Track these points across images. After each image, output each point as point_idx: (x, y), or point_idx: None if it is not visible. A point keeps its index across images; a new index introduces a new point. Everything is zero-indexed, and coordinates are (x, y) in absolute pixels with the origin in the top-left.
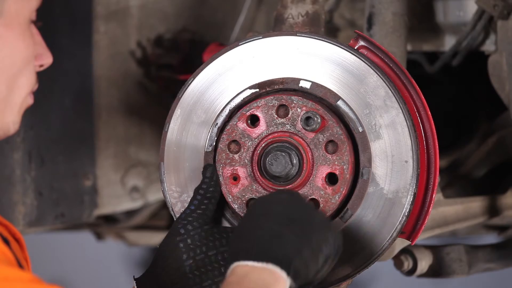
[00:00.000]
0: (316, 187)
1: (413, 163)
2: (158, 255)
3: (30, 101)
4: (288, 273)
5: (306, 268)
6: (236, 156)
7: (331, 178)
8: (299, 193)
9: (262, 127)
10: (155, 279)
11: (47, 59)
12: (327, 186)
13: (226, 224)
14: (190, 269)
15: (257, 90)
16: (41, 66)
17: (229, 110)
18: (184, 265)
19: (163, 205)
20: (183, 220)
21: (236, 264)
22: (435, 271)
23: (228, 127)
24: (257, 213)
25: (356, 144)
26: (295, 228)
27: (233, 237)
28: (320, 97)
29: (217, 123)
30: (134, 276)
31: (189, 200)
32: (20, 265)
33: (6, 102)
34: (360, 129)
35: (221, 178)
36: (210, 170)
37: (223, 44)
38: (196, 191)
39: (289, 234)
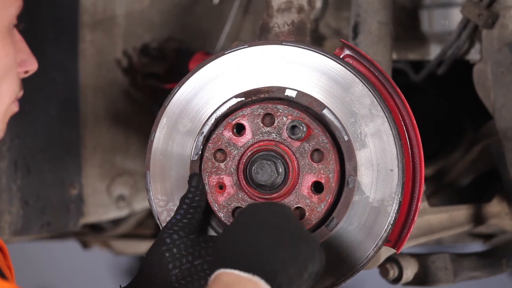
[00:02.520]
0: (301, 196)
1: (398, 171)
2: (144, 264)
3: (15, 108)
4: (273, 285)
5: (290, 284)
6: (222, 165)
7: (317, 187)
8: (290, 208)
9: (248, 136)
10: None
11: (32, 65)
12: (312, 195)
13: (212, 233)
14: (176, 279)
15: (243, 99)
16: (26, 72)
17: (215, 119)
18: (170, 275)
19: (149, 214)
20: (169, 229)
21: (222, 271)
22: (421, 279)
23: (214, 136)
24: (249, 222)
25: (342, 153)
26: (286, 243)
27: (220, 241)
28: (305, 106)
29: (203, 132)
30: (120, 286)
31: (175, 209)
32: (3, 275)
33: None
34: (346, 138)
35: (207, 187)
36: (196, 179)
37: (209, 53)
38: (182, 200)
39: (279, 249)
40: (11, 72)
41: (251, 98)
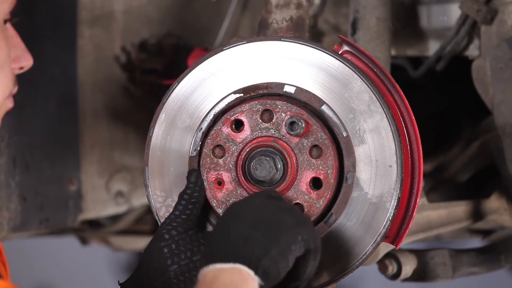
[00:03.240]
0: (300, 192)
1: (397, 167)
2: (143, 260)
3: (9, 104)
4: (256, 272)
5: (276, 267)
6: (221, 161)
7: (316, 183)
8: (277, 192)
9: (246, 132)
10: (139, 284)
11: (27, 61)
12: (311, 191)
13: (210, 229)
14: (174, 275)
15: (242, 95)
16: (21, 68)
17: (214, 115)
18: (169, 270)
19: (148, 210)
20: (168, 225)
21: (206, 269)
22: (420, 275)
23: (212, 132)
24: (228, 218)
25: (341, 149)
26: (263, 229)
27: (207, 241)
28: (304, 102)
29: (201, 128)
30: (118, 281)
31: (173, 205)
32: None
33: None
34: (345, 134)
35: (205, 183)
36: (194, 175)
37: (208, 49)
38: (181, 196)
39: (257, 235)
40: (4, 68)
41: (250, 94)
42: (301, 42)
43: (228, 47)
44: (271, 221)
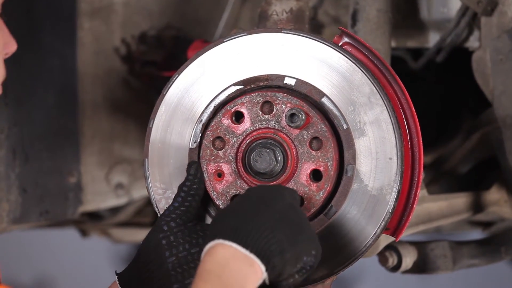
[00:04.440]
0: (300, 184)
1: (397, 160)
2: (141, 251)
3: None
4: (267, 268)
5: (284, 269)
6: (221, 153)
7: (316, 175)
8: (298, 194)
9: (246, 124)
10: (137, 275)
11: (12, 47)
12: (311, 183)
13: (209, 220)
14: (172, 266)
15: (242, 86)
16: (6, 54)
17: (214, 106)
18: (167, 262)
19: (148, 202)
20: (166, 217)
21: (220, 242)
22: (420, 267)
23: (212, 124)
24: (255, 199)
25: (341, 141)
26: (286, 228)
27: (223, 212)
28: (304, 94)
29: (201, 120)
30: (116, 271)
31: (173, 197)
32: None
33: None
34: (345, 126)
35: (205, 175)
36: (194, 167)
37: (208, 41)
38: (180, 188)
39: (281, 232)
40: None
41: (250, 86)
42: (301, 34)
43: (228, 39)
44: (295, 225)
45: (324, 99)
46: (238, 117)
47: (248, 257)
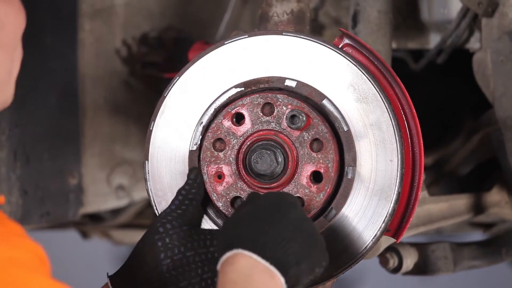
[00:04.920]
0: (300, 185)
1: (398, 162)
2: (136, 252)
3: None
4: (286, 281)
5: (298, 280)
6: (221, 154)
7: (316, 177)
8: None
9: (247, 125)
10: (131, 276)
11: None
12: (311, 185)
13: (208, 223)
14: (167, 269)
15: (243, 89)
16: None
17: (214, 108)
18: (162, 264)
19: (149, 204)
20: (163, 219)
21: (239, 251)
22: (421, 268)
23: (213, 125)
24: (271, 208)
25: (341, 143)
26: (301, 239)
27: (238, 217)
28: (305, 96)
29: (202, 122)
30: (108, 274)
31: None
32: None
33: (10, 75)
34: (345, 128)
35: (205, 176)
36: (194, 172)
37: (209, 42)
38: (179, 192)
39: (297, 243)
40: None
41: (251, 88)
42: (302, 36)
43: (229, 41)
44: (310, 236)
45: (325, 101)
46: (238, 118)
47: (269, 269)
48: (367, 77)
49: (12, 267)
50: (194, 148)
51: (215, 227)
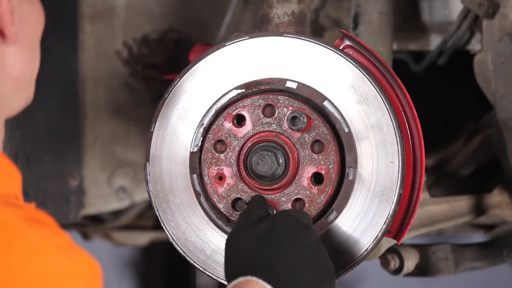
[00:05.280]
0: (301, 187)
1: (399, 163)
2: None
3: None
4: None
5: None
6: (222, 156)
7: (317, 178)
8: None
9: (248, 127)
10: None
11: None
12: (312, 186)
13: (210, 225)
14: None
15: (243, 90)
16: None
17: (215, 110)
18: None
19: (150, 205)
20: None
21: (253, 279)
22: (422, 270)
23: (214, 127)
24: (285, 233)
25: (342, 145)
26: (315, 270)
27: (254, 236)
28: (306, 97)
29: (203, 123)
30: None
31: (174, 201)
32: None
33: (33, 74)
34: (346, 130)
35: (206, 178)
36: None
37: (209, 43)
38: None
39: (308, 273)
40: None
41: (252, 89)
42: (302, 38)
43: (230, 42)
44: (321, 266)
45: (325, 103)
46: (239, 120)
47: None
48: (368, 79)
49: (74, 280)
50: (195, 149)
51: (217, 229)
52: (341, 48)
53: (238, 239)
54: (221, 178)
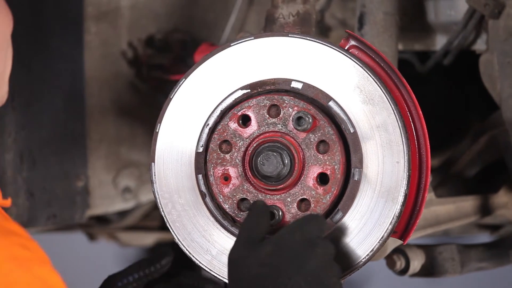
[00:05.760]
0: (307, 187)
1: (404, 163)
2: None
3: None
4: None
5: None
6: (227, 156)
7: (322, 178)
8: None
9: (253, 127)
10: None
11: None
12: (318, 186)
13: (215, 225)
14: None
15: (249, 90)
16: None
17: (221, 110)
18: None
19: (155, 206)
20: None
21: None
22: (428, 270)
23: (219, 127)
24: (291, 254)
25: (348, 145)
26: None
27: (259, 257)
28: (311, 97)
29: (208, 124)
30: None
31: (179, 201)
32: None
33: (3, 75)
34: (352, 130)
35: (212, 178)
36: (166, 260)
37: (215, 44)
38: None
39: None
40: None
41: (257, 90)
42: (308, 38)
43: (235, 43)
44: (328, 284)
45: (331, 103)
46: (245, 120)
47: None
48: (373, 79)
49: None
50: (201, 150)
51: (222, 230)
52: (346, 48)
53: (241, 259)
54: (226, 178)
